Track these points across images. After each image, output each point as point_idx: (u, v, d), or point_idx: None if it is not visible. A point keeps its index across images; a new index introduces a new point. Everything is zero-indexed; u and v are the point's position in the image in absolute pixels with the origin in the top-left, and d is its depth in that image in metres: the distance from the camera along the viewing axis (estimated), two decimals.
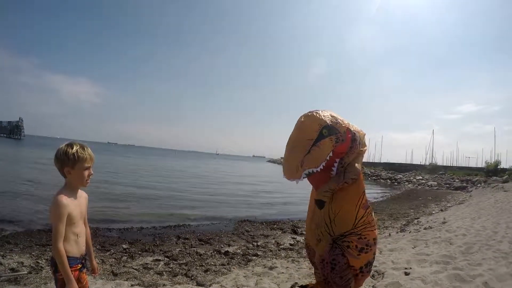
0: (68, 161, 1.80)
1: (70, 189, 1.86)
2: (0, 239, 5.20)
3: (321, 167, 2.34)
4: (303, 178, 2.36)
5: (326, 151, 2.36)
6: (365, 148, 2.64)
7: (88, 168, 1.88)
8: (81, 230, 1.91)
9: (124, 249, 5.16)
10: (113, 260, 4.55)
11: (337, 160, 2.46)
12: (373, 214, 2.66)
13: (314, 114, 2.46)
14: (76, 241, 1.85)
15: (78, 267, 1.85)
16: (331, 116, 2.46)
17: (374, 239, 2.57)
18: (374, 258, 2.65)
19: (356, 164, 2.51)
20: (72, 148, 1.82)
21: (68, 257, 1.77)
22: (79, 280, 1.84)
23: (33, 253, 4.54)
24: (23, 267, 3.94)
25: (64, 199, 1.78)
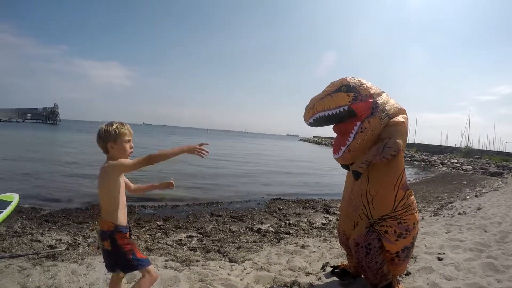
0: (110, 137, 1.93)
1: None
2: (39, 218, 5.38)
3: (329, 113, 2.44)
4: (312, 121, 2.54)
5: (338, 101, 2.43)
6: (406, 116, 2.65)
7: (128, 141, 2.00)
8: (125, 200, 2.03)
9: (159, 225, 5.29)
10: (148, 236, 4.70)
11: (358, 123, 2.44)
12: (413, 196, 2.58)
13: (344, 78, 2.55)
14: (124, 210, 1.99)
15: (128, 235, 1.96)
16: (358, 81, 2.53)
17: (414, 223, 2.49)
18: (413, 244, 2.56)
19: (398, 140, 2.41)
20: (112, 125, 1.96)
21: (118, 225, 1.90)
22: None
23: (70, 231, 4.70)
24: (61, 244, 4.08)
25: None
